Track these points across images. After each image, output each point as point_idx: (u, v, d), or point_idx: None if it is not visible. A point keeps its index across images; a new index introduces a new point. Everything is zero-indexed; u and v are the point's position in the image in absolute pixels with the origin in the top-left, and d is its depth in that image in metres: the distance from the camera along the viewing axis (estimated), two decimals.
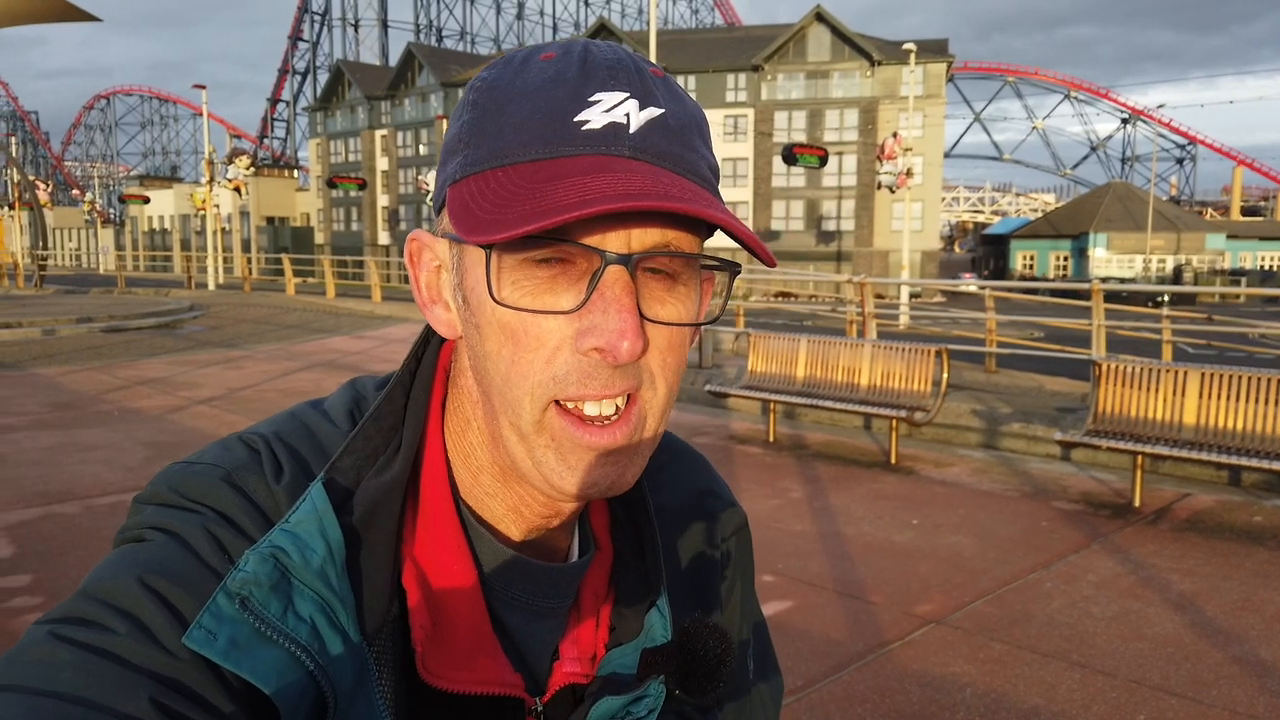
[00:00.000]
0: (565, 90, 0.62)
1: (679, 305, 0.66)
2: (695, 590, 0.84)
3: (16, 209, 49.00)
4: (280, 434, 0.73)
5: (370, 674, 0.64)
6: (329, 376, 12.04)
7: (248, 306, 23.83)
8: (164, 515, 0.66)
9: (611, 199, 0.57)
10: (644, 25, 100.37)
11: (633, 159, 0.62)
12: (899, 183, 30.78)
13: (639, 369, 0.64)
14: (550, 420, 0.64)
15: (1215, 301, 44.84)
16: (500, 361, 0.64)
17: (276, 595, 0.62)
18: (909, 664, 3.98)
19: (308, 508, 0.65)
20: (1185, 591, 4.82)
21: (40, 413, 9.30)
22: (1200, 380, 6.35)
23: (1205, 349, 15.21)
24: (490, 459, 0.71)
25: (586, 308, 0.62)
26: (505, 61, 0.67)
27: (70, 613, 0.60)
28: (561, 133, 0.62)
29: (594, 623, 0.77)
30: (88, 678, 0.56)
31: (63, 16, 27.45)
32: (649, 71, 0.65)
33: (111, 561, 0.64)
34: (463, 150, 0.65)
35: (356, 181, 39.78)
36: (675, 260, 0.64)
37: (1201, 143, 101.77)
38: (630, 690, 0.73)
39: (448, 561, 0.70)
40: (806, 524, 5.97)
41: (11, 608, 4.43)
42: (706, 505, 0.89)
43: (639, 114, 0.63)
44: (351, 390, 0.79)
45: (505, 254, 0.62)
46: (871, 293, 11.60)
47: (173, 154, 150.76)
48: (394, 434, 0.72)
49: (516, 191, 0.60)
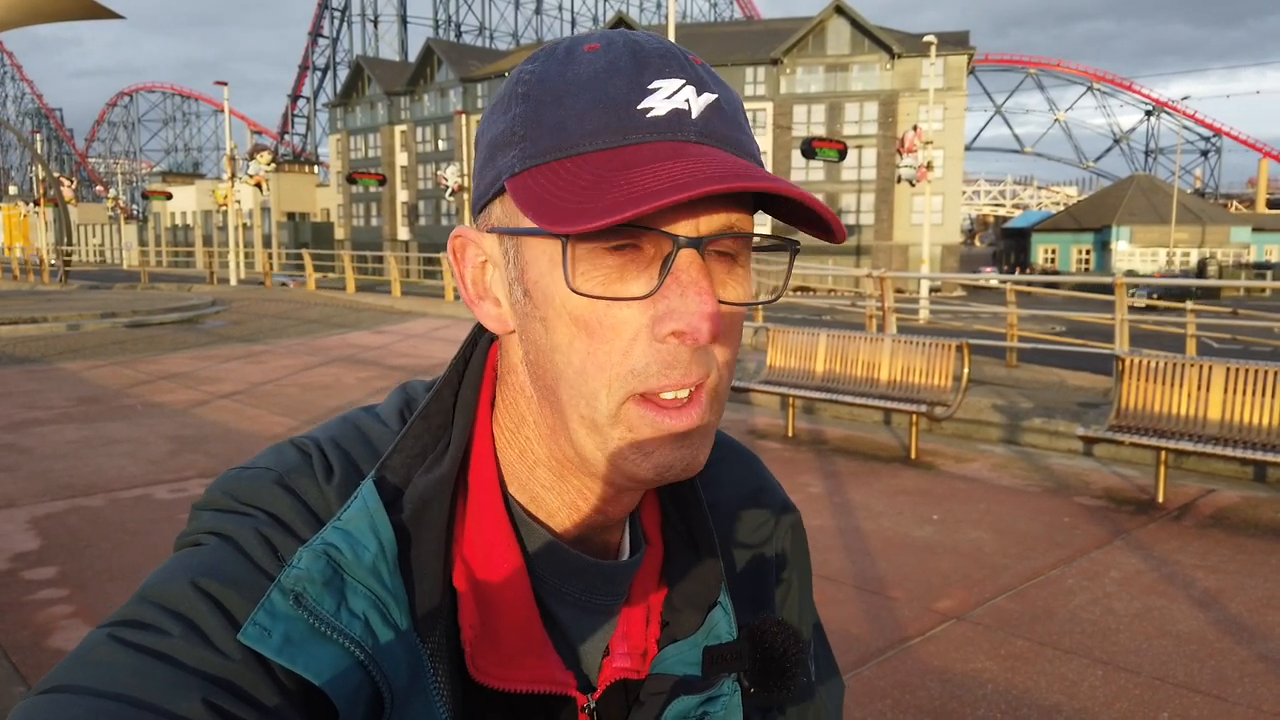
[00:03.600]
0: (623, 79, 0.62)
1: (739, 286, 0.66)
2: (749, 588, 0.83)
3: (41, 205, 49.56)
4: (333, 437, 0.73)
5: (425, 671, 0.64)
6: (349, 371, 12.11)
7: (269, 301, 23.99)
8: (218, 520, 0.67)
9: (702, 182, 0.57)
10: (662, 19, 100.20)
11: (699, 143, 0.62)
12: (919, 176, 30.60)
13: (710, 354, 0.64)
14: (628, 411, 0.64)
15: (1240, 295, 44.33)
16: (574, 354, 0.64)
17: (330, 591, 0.62)
18: (929, 660, 3.97)
19: (359, 505, 0.66)
20: (1209, 588, 4.78)
21: (66, 407, 9.41)
22: (1225, 375, 6.28)
23: (1230, 344, 15.02)
24: (548, 454, 0.71)
25: (661, 293, 0.62)
26: (548, 54, 0.67)
27: (127, 616, 0.61)
28: (628, 121, 0.62)
29: (644, 619, 0.76)
30: (142, 679, 0.57)
31: (87, 14, 27.70)
32: (691, 59, 0.66)
33: (168, 566, 0.65)
34: (518, 143, 0.64)
35: (376, 177, 39.90)
36: (736, 241, 0.65)
37: (1226, 134, 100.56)
38: (703, 689, 0.73)
39: (497, 558, 0.70)
40: (826, 519, 5.96)
41: (39, 599, 4.48)
42: (760, 502, 0.88)
43: (697, 99, 0.63)
44: (403, 393, 0.80)
45: (579, 244, 0.61)
46: (891, 287, 11.54)
47: (195, 150, 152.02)
48: (443, 432, 0.72)
49: (596, 180, 0.60)
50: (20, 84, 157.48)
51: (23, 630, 4.09)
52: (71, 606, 4.37)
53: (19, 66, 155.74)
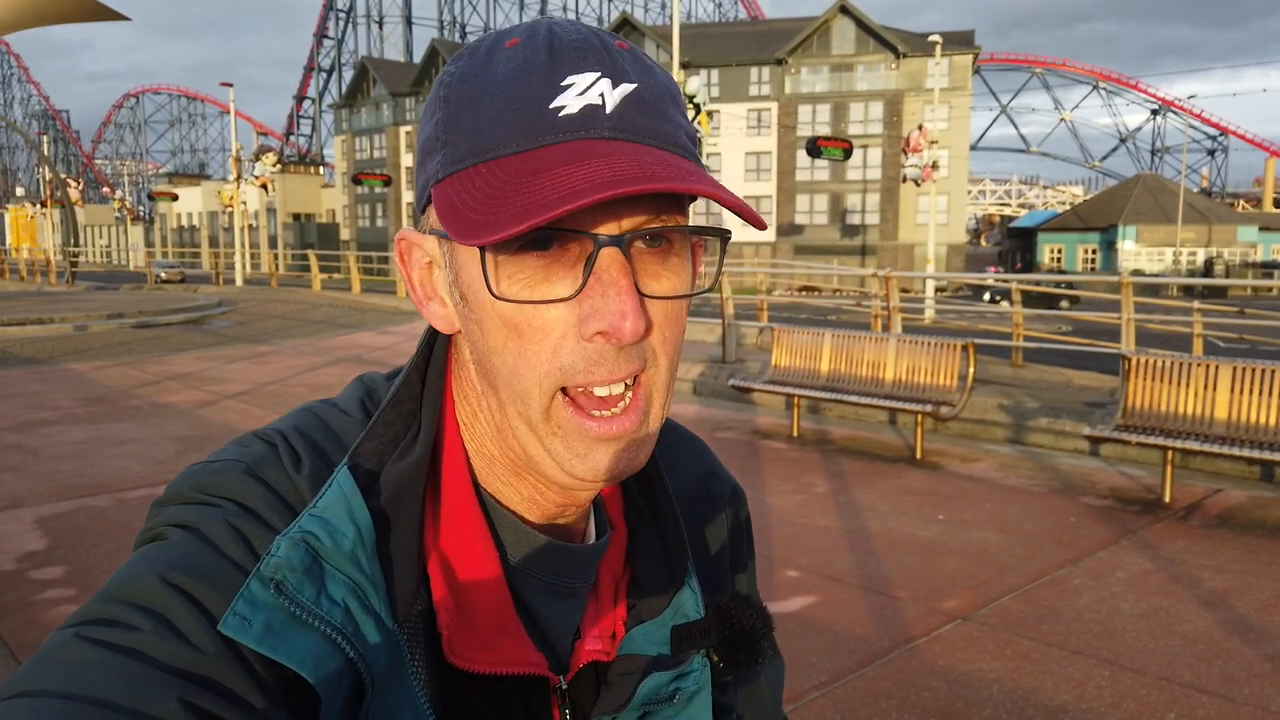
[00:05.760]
0: (536, 78, 0.62)
1: (673, 277, 0.65)
2: (707, 570, 0.85)
3: (48, 206, 49.71)
4: (297, 427, 0.73)
5: (404, 656, 0.65)
6: (354, 371, 12.09)
7: (274, 302, 24.04)
8: (183, 512, 0.66)
9: (598, 188, 0.57)
10: (667, 20, 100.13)
11: (613, 139, 0.61)
12: (924, 176, 30.53)
13: (643, 348, 0.64)
14: (557, 410, 0.64)
15: (1247, 295, 44.17)
16: (506, 355, 0.64)
17: (309, 579, 0.62)
18: (935, 660, 3.96)
19: (335, 493, 0.66)
20: (1216, 588, 4.76)
21: (72, 407, 9.44)
22: (1232, 374, 6.26)
23: (1237, 343, 14.97)
24: (500, 451, 0.71)
25: (585, 292, 0.62)
26: (471, 52, 0.66)
27: (93, 614, 0.60)
28: (539, 122, 0.61)
29: (612, 601, 0.78)
30: (114, 678, 0.56)
31: (93, 16, 27.79)
32: (615, 46, 0.65)
33: (132, 563, 0.64)
34: (441, 149, 0.65)
35: (381, 178, 39.92)
36: (667, 231, 0.64)
37: (1233, 133, 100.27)
38: (673, 666, 0.75)
39: (470, 544, 0.70)
40: (831, 519, 5.95)
41: (45, 599, 4.50)
42: (711, 487, 0.90)
43: (613, 92, 0.62)
44: (360, 384, 0.80)
45: (499, 249, 0.61)
46: (896, 286, 11.52)
47: (201, 152, 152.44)
48: (413, 419, 0.72)
49: (502, 189, 0.60)
50: (27, 86, 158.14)
51: (30, 630, 4.11)
52: (78, 606, 4.39)
53: (25, 68, 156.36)
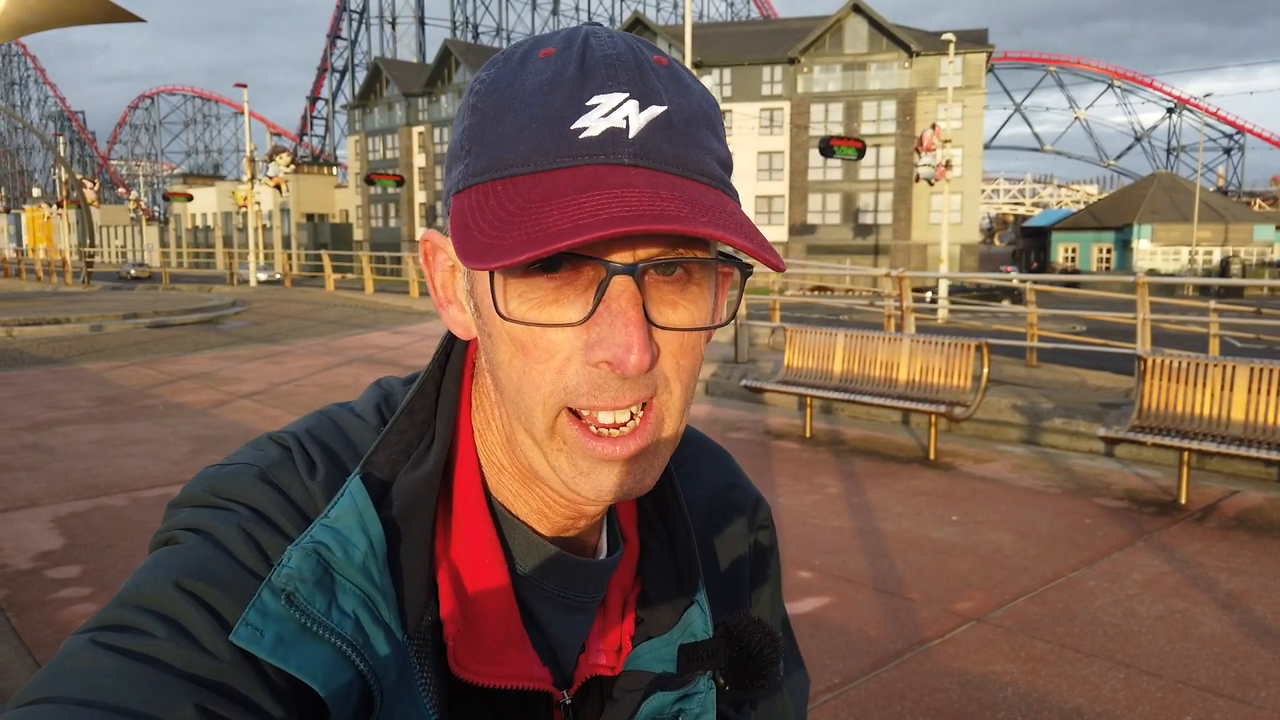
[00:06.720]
0: (561, 95, 0.60)
1: (691, 307, 0.63)
2: (724, 585, 0.84)
3: (65, 207, 50.13)
4: (311, 431, 0.73)
5: (413, 668, 0.65)
6: (368, 371, 12.16)
7: (288, 302, 24.15)
8: (198, 516, 0.66)
9: (603, 224, 0.55)
10: (679, 19, 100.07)
11: (633, 166, 0.59)
12: (937, 175, 30.42)
13: (652, 377, 0.63)
14: (562, 427, 0.63)
15: (1264, 294, 43.81)
16: (512, 371, 0.63)
17: (320, 590, 0.62)
18: (949, 662, 3.94)
19: (347, 502, 0.65)
20: (1233, 590, 4.72)
21: (88, 407, 9.50)
22: (1249, 375, 6.21)
23: (1254, 343, 14.84)
24: (509, 460, 0.71)
25: (594, 320, 0.60)
26: (505, 58, 0.65)
27: (108, 620, 0.60)
28: (559, 143, 0.59)
29: (620, 614, 0.77)
30: (129, 685, 0.56)
31: (108, 18, 27.96)
32: (651, 62, 0.62)
33: (147, 567, 0.64)
34: (464, 158, 0.64)
35: (394, 178, 40.07)
36: (683, 262, 0.62)
37: (1250, 132, 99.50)
38: (678, 686, 0.73)
39: (479, 556, 0.70)
40: (844, 520, 5.93)
41: (62, 598, 4.53)
42: (731, 499, 0.88)
43: (639, 115, 0.60)
44: (378, 389, 0.79)
45: (508, 269, 0.60)
46: (910, 286, 11.48)
47: (215, 152, 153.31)
48: (426, 428, 0.72)
49: (514, 212, 0.58)
50: (44, 87, 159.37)
51: (47, 628, 4.13)
52: (95, 605, 4.41)
53: (42, 70, 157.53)
